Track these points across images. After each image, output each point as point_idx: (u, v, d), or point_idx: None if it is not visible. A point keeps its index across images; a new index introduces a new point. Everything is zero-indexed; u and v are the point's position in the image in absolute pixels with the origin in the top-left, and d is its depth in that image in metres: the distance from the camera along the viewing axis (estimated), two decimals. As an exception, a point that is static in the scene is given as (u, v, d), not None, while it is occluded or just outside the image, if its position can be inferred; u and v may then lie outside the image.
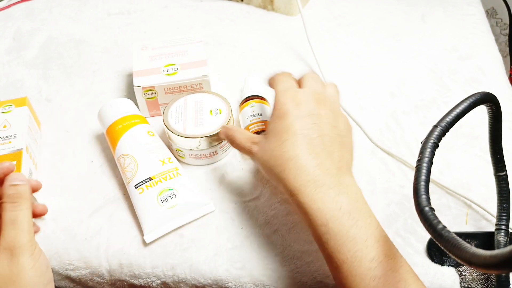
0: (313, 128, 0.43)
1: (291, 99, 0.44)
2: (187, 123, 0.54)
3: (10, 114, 0.57)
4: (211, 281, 0.48)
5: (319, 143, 0.42)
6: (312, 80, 0.47)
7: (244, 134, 0.48)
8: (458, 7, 0.80)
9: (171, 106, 0.56)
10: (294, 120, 0.43)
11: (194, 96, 0.58)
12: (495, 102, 0.40)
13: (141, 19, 0.81)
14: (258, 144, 0.45)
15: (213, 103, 0.57)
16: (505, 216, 0.47)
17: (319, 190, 0.40)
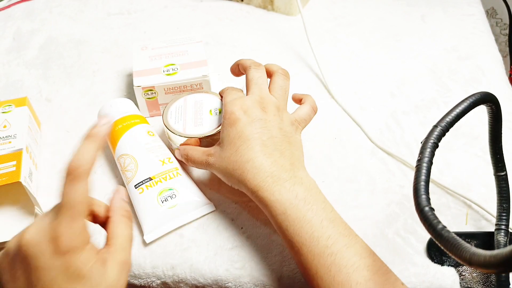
0: (262, 132, 0.46)
1: (239, 107, 0.48)
2: (186, 123, 0.54)
3: (10, 114, 0.57)
4: (211, 281, 0.48)
5: (270, 144, 0.46)
6: (256, 86, 0.51)
7: (198, 149, 0.50)
8: (458, 7, 0.80)
9: (170, 106, 0.56)
10: (244, 126, 0.46)
11: (194, 96, 0.57)
12: (495, 102, 0.40)
13: (141, 19, 0.81)
14: (213, 155, 0.48)
15: (213, 103, 0.56)
16: (505, 216, 0.47)
17: (276, 183, 0.44)
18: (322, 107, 0.65)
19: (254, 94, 0.50)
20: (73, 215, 0.34)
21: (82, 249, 0.34)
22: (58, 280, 0.33)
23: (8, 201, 0.53)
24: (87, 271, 0.34)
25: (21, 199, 0.52)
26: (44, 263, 0.33)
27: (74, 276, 0.33)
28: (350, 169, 0.57)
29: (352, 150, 0.59)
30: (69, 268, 0.33)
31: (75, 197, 0.35)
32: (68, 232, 0.34)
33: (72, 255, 0.34)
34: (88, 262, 0.34)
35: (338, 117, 0.63)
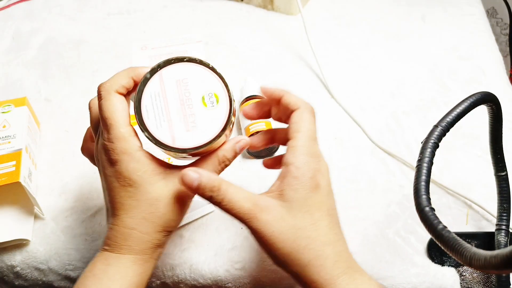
0: (333, 201, 0.38)
1: (323, 169, 0.38)
2: (173, 125, 0.38)
3: (9, 114, 0.57)
4: (211, 282, 0.48)
5: (337, 219, 0.38)
6: (316, 143, 0.39)
7: (240, 191, 0.37)
8: (458, 7, 0.80)
9: (143, 94, 0.38)
10: (326, 196, 0.37)
11: (172, 70, 0.40)
12: (496, 102, 0.40)
13: (141, 19, 0.80)
14: (270, 213, 0.35)
15: (203, 84, 0.40)
16: (506, 216, 0.47)
17: (356, 275, 0.36)
18: (322, 107, 0.64)
19: (321, 158, 0.39)
20: (109, 128, 0.37)
21: (131, 157, 0.37)
22: (115, 184, 0.38)
23: (8, 201, 0.53)
24: (137, 178, 0.37)
25: (21, 199, 0.52)
26: (106, 170, 0.38)
27: (126, 183, 0.37)
28: (350, 169, 0.57)
29: (352, 150, 0.59)
30: (119, 175, 0.37)
31: (104, 113, 0.38)
32: (110, 143, 0.37)
33: (121, 163, 0.37)
34: (138, 170, 0.37)
35: (338, 117, 0.63)
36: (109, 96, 0.38)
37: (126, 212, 0.37)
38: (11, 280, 0.52)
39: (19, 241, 0.50)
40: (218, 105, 0.39)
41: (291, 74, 0.69)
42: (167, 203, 0.38)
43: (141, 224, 0.37)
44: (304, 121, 0.38)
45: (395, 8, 0.81)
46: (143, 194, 0.37)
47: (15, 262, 0.51)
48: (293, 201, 0.36)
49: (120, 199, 0.38)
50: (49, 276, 0.51)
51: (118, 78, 0.39)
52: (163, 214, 0.38)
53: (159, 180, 0.38)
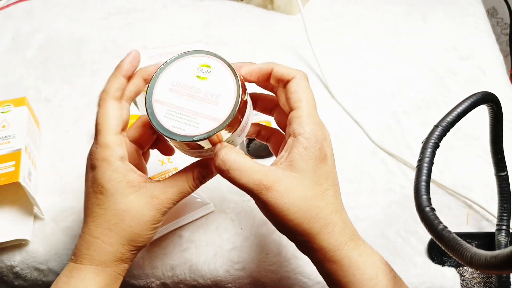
0: (337, 175, 0.39)
1: (328, 140, 0.39)
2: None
3: (9, 114, 0.57)
4: (211, 282, 0.48)
5: (340, 191, 0.39)
6: (315, 109, 0.40)
7: (251, 162, 0.36)
8: (458, 7, 0.80)
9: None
10: (331, 166, 0.38)
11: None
12: (496, 102, 0.40)
13: (141, 19, 0.80)
14: (279, 182, 0.35)
15: (192, 64, 0.40)
16: (506, 216, 0.47)
17: (360, 242, 0.37)
18: (323, 107, 0.64)
19: (324, 126, 0.39)
20: (97, 134, 0.38)
21: (109, 166, 0.37)
22: (89, 189, 0.38)
23: (7, 201, 0.53)
24: (110, 187, 0.37)
25: (20, 199, 0.52)
26: (86, 174, 0.39)
27: (98, 191, 0.38)
28: (350, 169, 0.57)
29: (353, 150, 0.59)
30: (94, 181, 0.38)
31: (96, 119, 0.39)
32: (93, 149, 0.38)
33: (99, 170, 0.37)
34: (113, 180, 0.37)
35: (339, 117, 0.63)
36: (104, 104, 0.39)
37: (93, 220, 0.38)
38: (10, 280, 0.52)
39: (19, 241, 0.50)
40: (218, 73, 0.40)
41: (291, 74, 0.69)
42: (134, 216, 0.37)
43: (105, 234, 0.38)
44: (303, 90, 0.38)
45: (395, 8, 0.81)
46: (111, 204, 0.37)
47: (14, 262, 0.50)
48: (304, 172, 0.36)
49: (90, 205, 0.38)
50: (48, 276, 0.51)
51: (110, 83, 0.39)
52: (129, 227, 0.38)
53: (132, 193, 0.38)
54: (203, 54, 0.40)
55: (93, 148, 0.39)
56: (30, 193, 0.50)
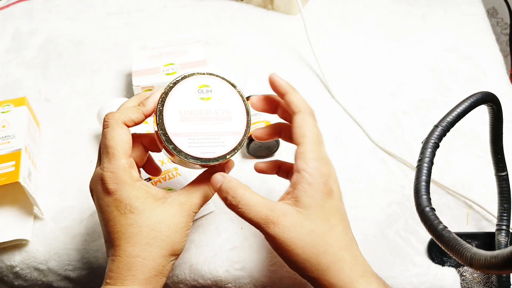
0: (345, 211, 0.39)
1: (334, 174, 0.39)
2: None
3: (9, 114, 0.57)
4: (211, 282, 0.48)
5: (350, 227, 0.39)
6: (322, 146, 0.40)
7: (257, 197, 0.37)
8: (458, 6, 0.80)
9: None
10: (338, 201, 0.38)
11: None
12: (496, 102, 0.40)
13: (141, 19, 0.80)
14: (285, 217, 0.36)
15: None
16: (506, 216, 0.47)
17: (372, 279, 0.37)
18: (322, 107, 0.64)
19: (329, 162, 0.40)
20: (110, 157, 0.38)
21: (131, 186, 0.38)
22: (114, 213, 0.38)
23: (7, 201, 0.53)
24: (139, 204, 0.38)
25: (20, 199, 0.52)
26: (101, 200, 0.38)
27: (127, 210, 0.38)
28: (350, 169, 0.57)
29: (353, 150, 0.59)
30: (119, 203, 0.38)
31: (108, 142, 0.38)
32: (109, 173, 0.38)
33: (121, 192, 0.38)
34: (139, 197, 0.38)
35: (338, 117, 0.63)
36: (116, 126, 0.39)
37: (128, 241, 0.38)
38: (10, 280, 0.52)
39: (19, 241, 0.50)
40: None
41: (291, 74, 0.69)
42: (170, 225, 0.38)
43: (144, 251, 0.38)
44: (308, 126, 0.39)
45: (395, 8, 0.81)
46: (144, 220, 0.38)
47: (14, 262, 0.50)
48: (310, 207, 0.36)
49: (120, 227, 0.38)
50: (48, 276, 0.51)
51: (128, 112, 0.40)
52: (167, 237, 0.38)
53: (160, 205, 0.39)
54: (196, 75, 0.40)
55: (105, 172, 0.38)
56: (30, 193, 0.50)
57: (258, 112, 0.57)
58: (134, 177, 0.39)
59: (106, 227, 0.39)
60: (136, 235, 0.37)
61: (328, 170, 0.38)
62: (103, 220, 0.39)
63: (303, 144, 0.38)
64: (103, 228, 0.39)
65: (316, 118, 0.40)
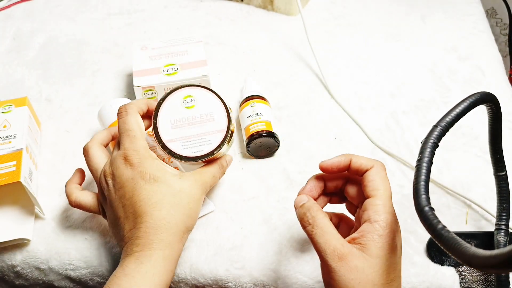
0: (401, 268, 0.40)
1: (399, 228, 0.40)
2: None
3: (10, 114, 0.57)
4: (211, 281, 0.48)
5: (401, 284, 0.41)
6: (391, 201, 0.41)
7: (333, 227, 0.39)
8: (457, 7, 0.80)
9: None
10: (400, 258, 0.40)
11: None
12: (495, 102, 0.40)
13: (141, 19, 0.81)
14: (352, 257, 0.37)
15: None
16: (505, 216, 0.47)
17: None
18: (322, 107, 0.65)
19: (397, 219, 0.40)
20: (131, 139, 0.44)
21: (152, 161, 0.44)
22: (140, 181, 0.42)
23: (8, 201, 0.53)
24: (161, 175, 0.43)
25: (21, 199, 0.53)
26: (124, 176, 0.43)
27: (151, 179, 0.43)
28: (350, 169, 0.57)
29: (352, 150, 0.59)
30: (144, 173, 0.43)
31: (128, 126, 0.44)
32: (132, 151, 0.43)
33: (144, 164, 0.43)
34: (160, 170, 0.43)
35: (338, 117, 0.63)
36: (134, 113, 0.45)
37: (154, 206, 0.42)
38: (11, 280, 0.52)
39: (20, 240, 0.51)
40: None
41: (291, 74, 0.70)
42: (189, 194, 0.44)
43: (169, 214, 0.42)
44: (382, 179, 0.40)
45: (395, 9, 0.81)
46: (168, 187, 0.43)
47: (15, 262, 0.51)
48: (376, 258, 0.37)
49: (146, 194, 0.42)
50: (49, 275, 0.51)
51: (139, 103, 0.46)
52: (187, 203, 0.43)
53: (178, 179, 0.44)
54: (180, 89, 0.48)
55: (128, 151, 0.43)
56: (31, 192, 0.50)
57: (259, 112, 0.57)
58: (153, 156, 0.44)
59: (131, 199, 0.42)
60: (161, 200, 0.42)
61: (396, 226, 0.39)
62: (127, 193, 0.42)
63: (376, 196, 0.39)
64: (126, 202, 0.42)
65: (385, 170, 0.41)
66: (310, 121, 0.62)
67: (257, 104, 0.58)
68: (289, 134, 0.61)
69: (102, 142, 0.49)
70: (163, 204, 0.42)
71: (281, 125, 0.62)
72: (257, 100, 0.59)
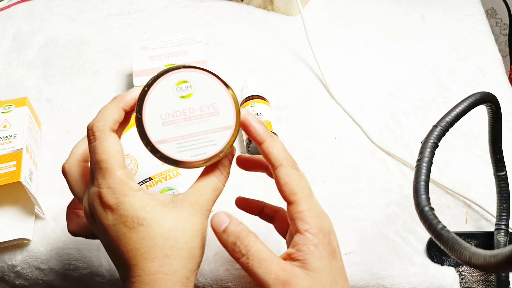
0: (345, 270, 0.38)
1: (331, 227, 0.37)
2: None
3: (10, 114, 0.57)
4: (212, 281, 0.48)
5: None
6: (312, 201, 0.37)
7: (269, 250, 0.35)
8: (457, 7, 0.80)
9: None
10: (341, 260, 0.37)
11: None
12: (495, 102, 0.40)
13: (141, 19, 0.81)
14: (295, 280, 0.34)
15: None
16: (505, 216, 0.47)
17: None
18: (322, 107, 0.65)
19: (326, 216, 0.37)
20: (103, 172, 0.34)
21: (133, 197, 0.34)
22: (123, 230, 0.34)
23: (8, 201, 0.53)
24: (146, 214, 0.34)
25: (21, 199, 0.53)
26: (105, 221, 0.34)
27: (135, 224, 0.34)
28: (350, 169, 0.57)
29: (352, 150, 0.59)
30: (125, 218, 0.34)
31: (98, 156, 0.35)
32: (106, 189, 0.34)
33: (124, 205, 0.34)
34: (145, 206, 0.34)
35: (338, 117, 0.63)
36: (104, 137, 0.35)
37: (145, 257, 0.34)
38: (11, 280, 0.52)
39: (20, 240, 0.51)
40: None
41: (291, 74, 0.70)
42: (185, 230, 0.34)
43: (164, 264, 0.34)
44: (294, 181, 0.36)
45: (394, 9, 0.81)
46: (157, 230, 0.34)
47: (15, 262, 0.51)
48: (319, 270, 0.34)
49: (133, 244, 0.34)
50: (49, 275, 0.51)
51: (109, 114, 0.36)
52: (185, 244, 0.34)
53: (170, 210, 0.35)
54: (171, 73, 0.35)
55: (102, 189, 0.34)
56: (31, 192, 0.50)
57: (259, 112, 0.57)
58: (134, 188, 0.35)
59: (117, 249, 0.34)
60: (152, 248, 0.34)
61: (328, 226, 0.36)
62: (112, 242, 0.35)
63: (296, 202, 0.35)
64: (113, 251, 0.35)
65: (297, 168, 0.37)
66: (310, 121, 0.62)
67: (257, 104, 0.58)
68: (289, 134, 0.61)
69: (83, 158, 0.40)
70: (156, 254, 0.34)
71: (281, 125, 0.62)
72: (257, 100, 0.59)
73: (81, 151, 0.40)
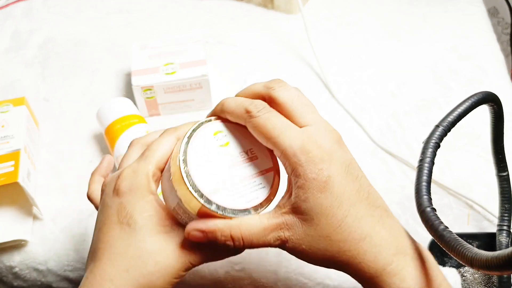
0: (360, 186, 0.33)
1: (320, 154, 0.32)
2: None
3: (8, 114, 0.57)
4: (211, 283, 0.48)
5: (374, 203, 0.33)
6: (307, 108, 0.35)
7: (252, 223, 0.32)
8: (459, 6, 0.80)
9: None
10: (341, 185, 0.32)
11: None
12: (497, 101, 0.40)
13: (141, 18, 0.80)
14: (293, 234, 0.32)
15: (208, 130, 0.35)
16: (507, 216, 0.46)
17: (403, 263, 0.32)
18: (323, 107, 0.64)
19: (318, 123, 0.35)
20: (140, 157, 0.34)
21: (142, 195, 0.33)
22: (112, 218, 0.33)
23: (6, 202, 0.53)
24: (138, 218, 0.32)
25: (19, 200, 0.52)
26: (107, 200, 0.34)
27: (124, 220, 0.32)
28: (350, 169, 0.57)
29: (353, 150, 0.58)
30: (122, 208, 0.32)
31: (151, 145, 0.35)
32: (129, 170, 0.33)
33: (128, 197, 0.33)
34: (144, 211, 0.32)
35: (339, 116, 0.63)
36: (167, 136, 0.35)
37: (110, 259, 0.32)
38: (9, 281, 0.52)
39: (18, 241, 0.50)
40: (229, 145, 0.35)
41: (291, 74, 0.69)
42: (158, 263, 0.32)
43: (119, 277, 0.32)
44: (262, 129, 0.33)
45: (396, 8, 0.80)
46: (137, 241, 0.32)
47: (13, 263, 0.50)
48: (308, 213, 0.31)
49: (110, 238, 0.32)
50: (48, 276, 0.51)
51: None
52: (149, 274, 0.32)
53: (160, 233, 0.33)
54: (206, 124, 0.35)
55: (125, 171, 0.33)
56: (29, 193, 0.50)
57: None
58: (151, 188, 0.33)
59: (98, 233, 0.34)
60: (120, 255, 0.32)
61: (305, 143, 0.32)
62: (98, 224, 0.34)
63: (276, 147, 0.32)
64: (95, 233, 0.34)
65: None
66: (311, 120, 0.62)
67: (257, 103, 0.58)
68: (289, 134, 0.60)
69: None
70: (120, 261, 0.32)
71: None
72: (257, 99, 0.59)
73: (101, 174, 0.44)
